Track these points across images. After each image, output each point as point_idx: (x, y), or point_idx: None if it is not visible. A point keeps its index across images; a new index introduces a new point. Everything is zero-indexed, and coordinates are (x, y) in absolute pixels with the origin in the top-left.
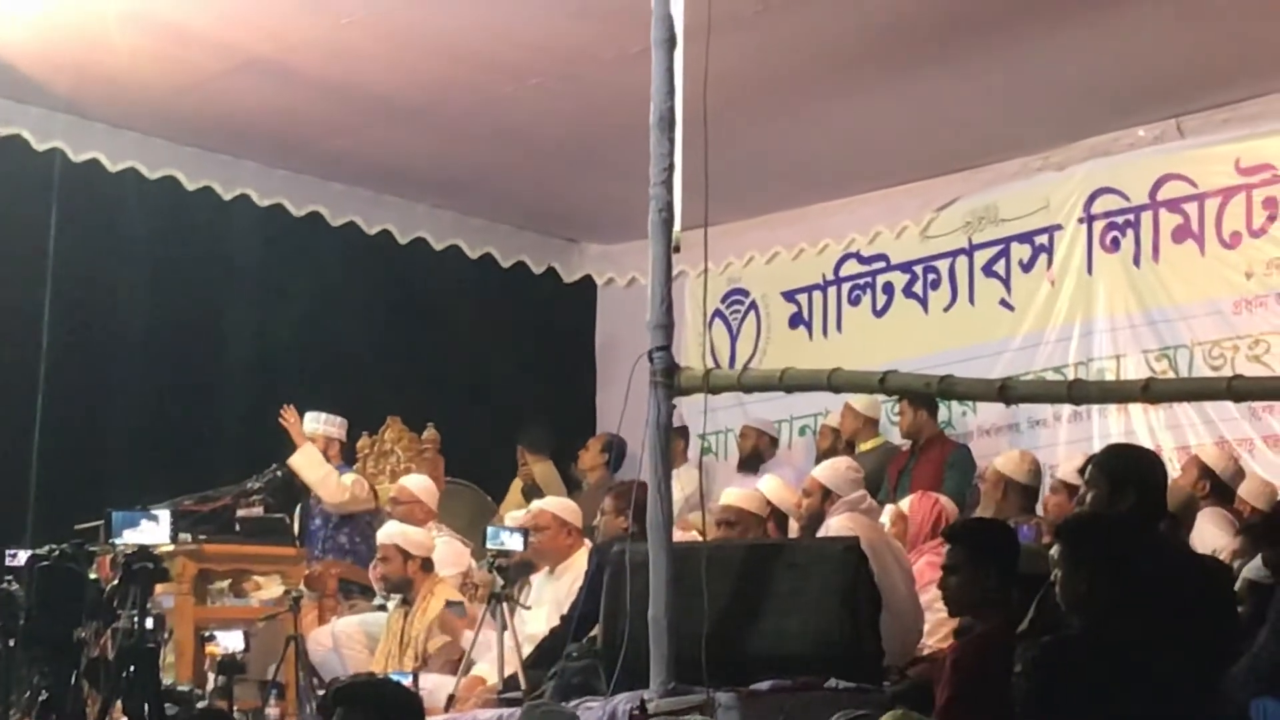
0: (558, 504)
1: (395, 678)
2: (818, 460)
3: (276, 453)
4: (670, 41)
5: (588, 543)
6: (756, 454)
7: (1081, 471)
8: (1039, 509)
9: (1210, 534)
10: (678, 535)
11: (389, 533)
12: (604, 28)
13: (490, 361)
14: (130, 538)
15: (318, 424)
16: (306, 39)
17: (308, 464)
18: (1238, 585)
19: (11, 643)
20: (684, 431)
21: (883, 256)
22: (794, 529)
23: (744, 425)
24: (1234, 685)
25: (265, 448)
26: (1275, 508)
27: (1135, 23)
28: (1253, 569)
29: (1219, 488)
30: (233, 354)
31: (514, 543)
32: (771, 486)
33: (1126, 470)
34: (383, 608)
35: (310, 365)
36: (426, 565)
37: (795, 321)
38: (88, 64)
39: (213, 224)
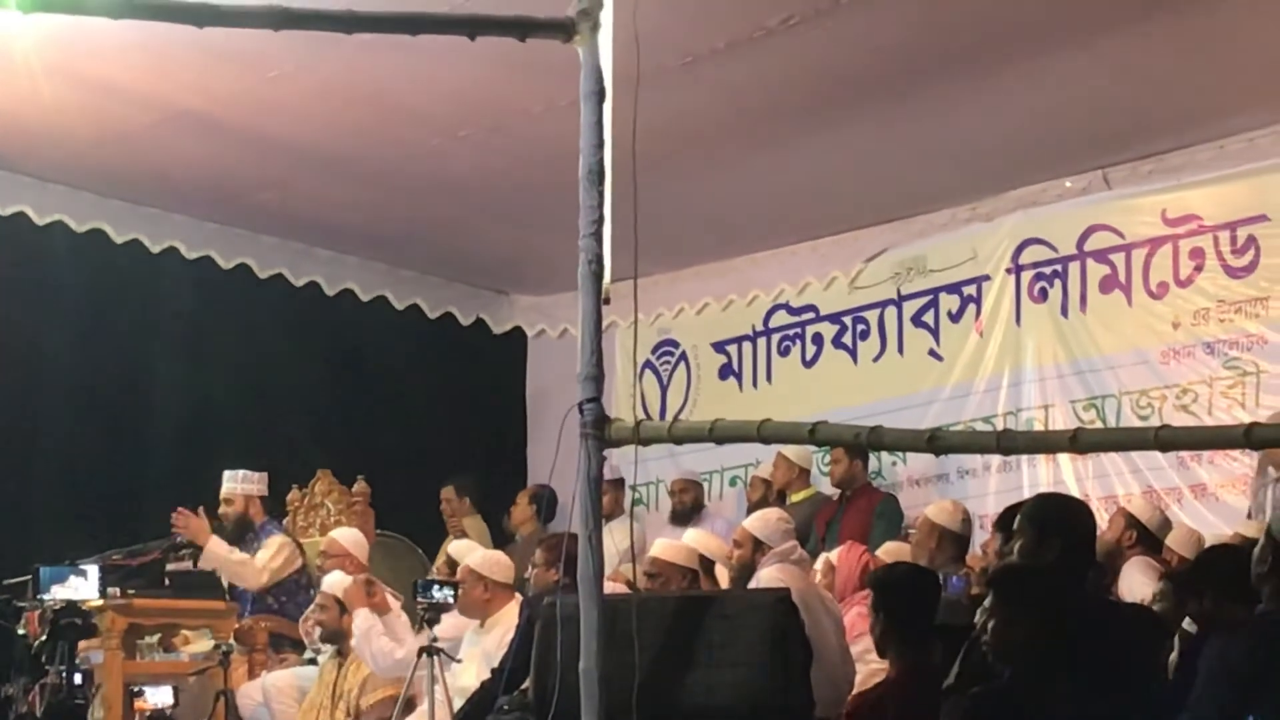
0: (479, 558)
1: None
2: (749, 511)
3: (206, 506)
4: (599, 94)
5: (517, 596)
6: (698, 504)
7: (1006, 519)
8: (969, 557)
9: (1138, 583)
10: (609, 587)
11: (331, 583)
12: (532, 80)
13: (421, 414)
14: (58, 593)
15: (235, 483)
16: (233, 92)
17: (217, 559)
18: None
19: None
20: (619, 484)
21: (812, 307)
22: (724, 579)
23: (676, 479)
24: None
25: (194, 501)
26: (1198, 558)
27: (1062, 76)
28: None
29: (1146, 538)
30: (162, 407)
31: (444, 596)
32: (698, 538)
33: (1053, 519)
34: (313, 661)
35: (240, 418)
36: None
37: (725, 372)
38: (12, 117)
39: (141, 277)
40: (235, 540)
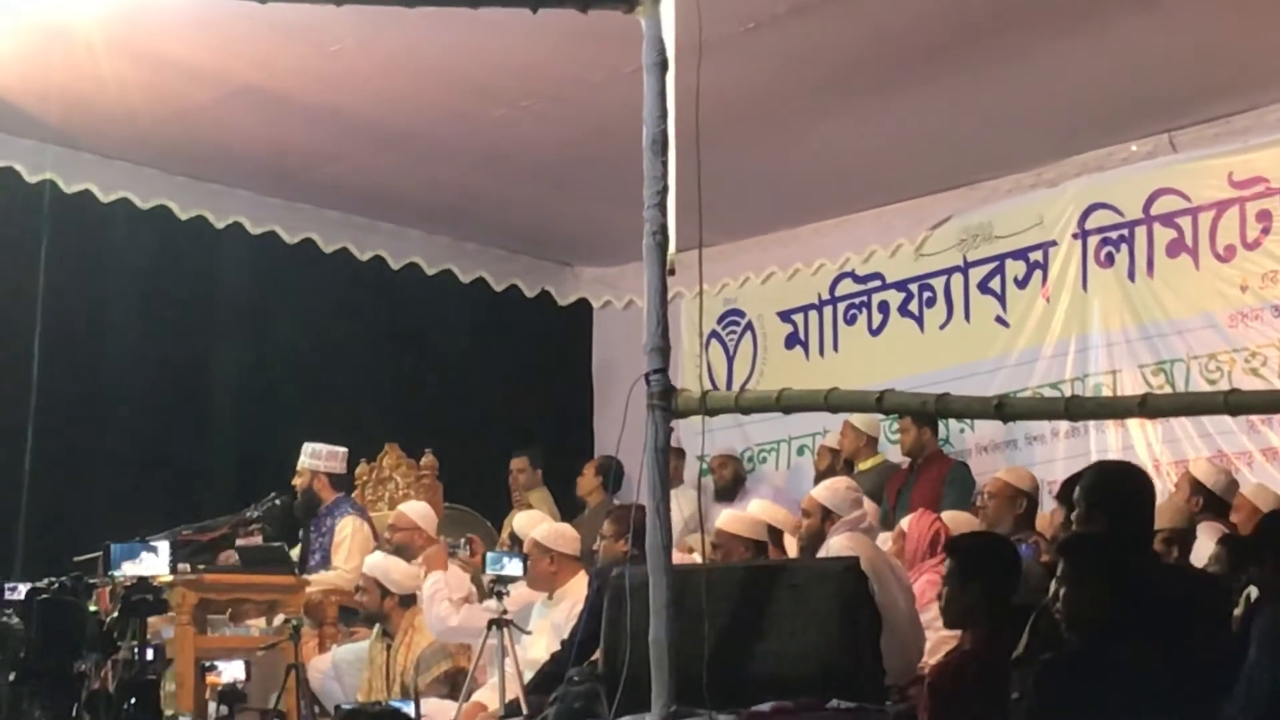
0: (544, 531)
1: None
2: (816, 480)
3: (273, 481)
4: (661, 65)
5: (584, 568)
6: (738, 478)
7: (1066, 491)
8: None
9: (1210, 549)
10: (676, 558)
11: (373, 564)
12: (594, 50)
13: (486, 386)
14: (129, 570)
15: (306, 457)
16: (295, 67)
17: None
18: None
19: (12, 677)
20: (679, 453)
21: (878, 275)
22: (791, 548)
23: (718, 455)
24: (1232, 709)
25: (261, 476)
26: (1259, 523)
27: (1126, 38)
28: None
29: (1213, 502)
30: (227, 383)
31: (514, 568)
32: (765, 509)
33: (1100, 491)
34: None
35: (305, 392)
36: (405, 601)
37: (791, 341)
38: (76, 95)
39: (206, 253)
40: (304, 516)
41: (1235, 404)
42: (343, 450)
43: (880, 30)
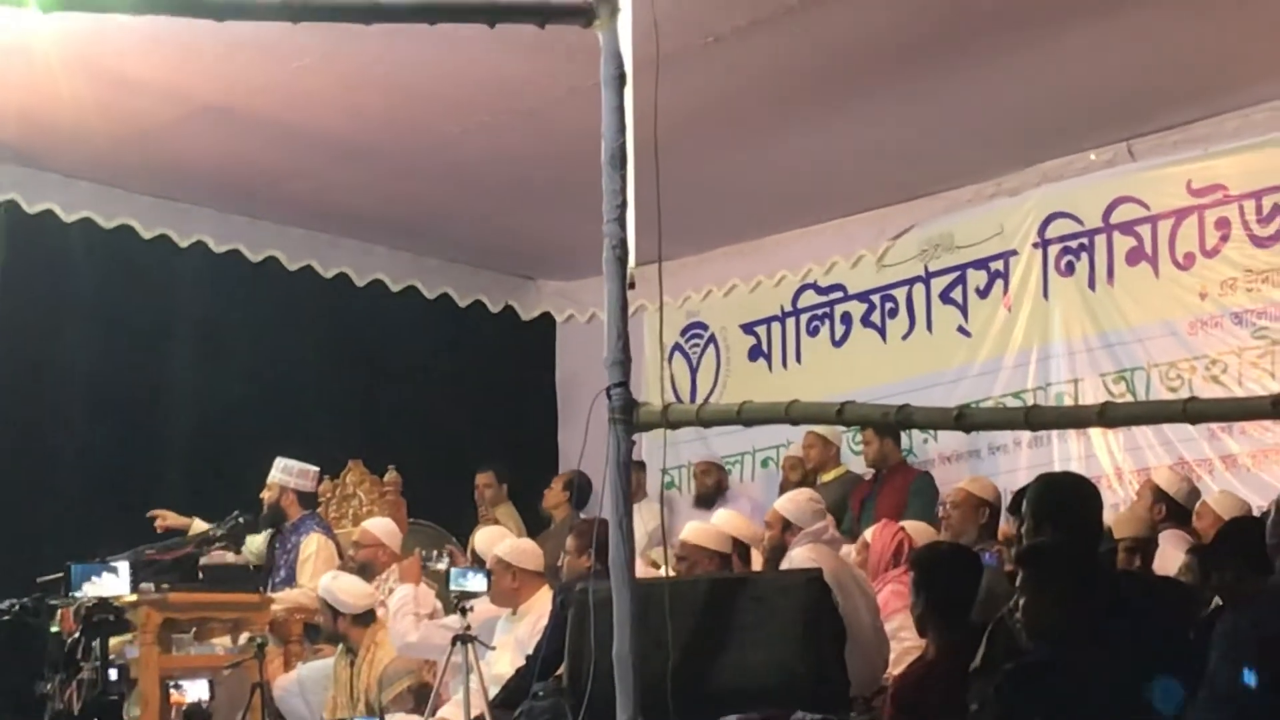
0: (506, 547)
1: None
2: (781, 492)
3: (236, 500)
4: (620, 78)
5: (548, 583)
6: (720, 487)
7: (1016, 503)
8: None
9: (1172, 557)
10: (639, 571)
11: (323, 587)
12: (554, 64)
13: (451, 402)
14: (90, 590)
15: (276, 472)
16: (257, 85)
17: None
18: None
19: None
20: (642, 466)
21: (840, 286)
22: (758, 561)
23: (701, 461)
24: (1193, 714)
25: (222, 496)
26: (1221, 531)
27: (1084, 47)
28: None
29: (1175, 510)
30: (191, 401)
31: (477, 583)
32: (729, 520)
33: (1044, 503)
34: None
35: (270, 410)
36: (362, 619)
37: (755, 354)
38: (36, 115)
39: (169, 272)
40: (267, 528)
41: (1194, 412)
42: (314, 469)
43: (840, 43)
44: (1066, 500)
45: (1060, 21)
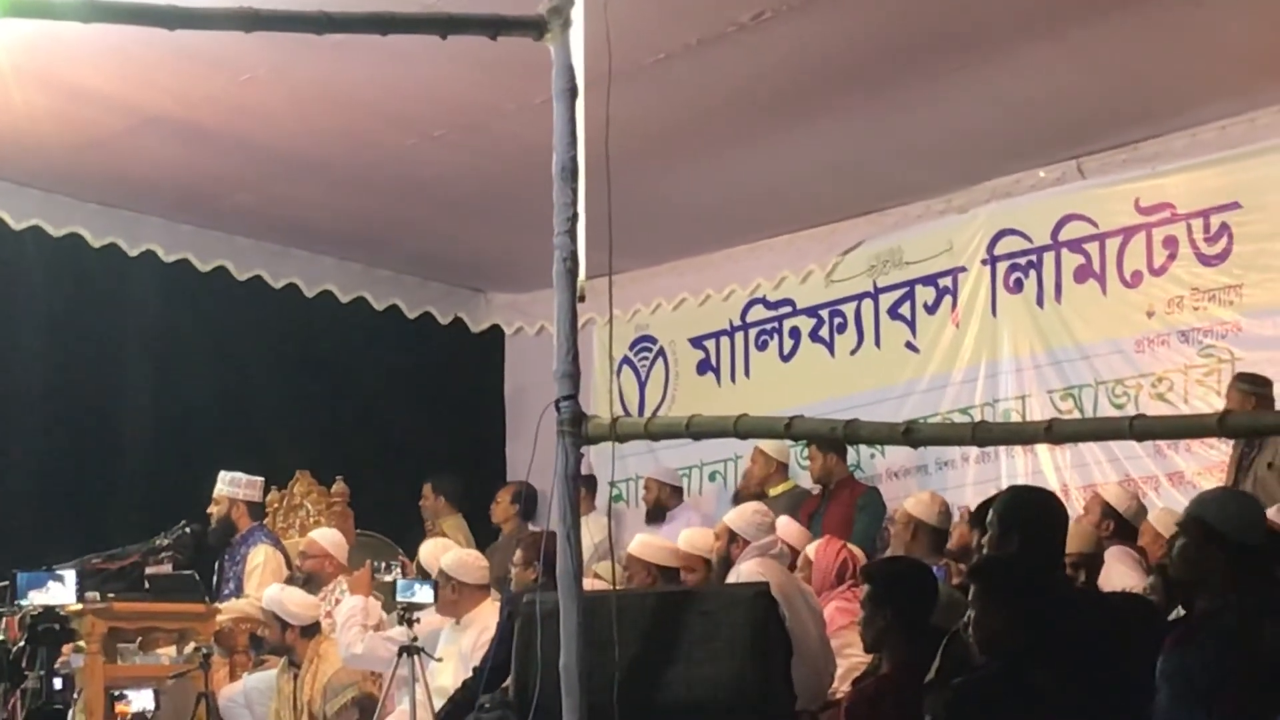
0: (449, 559)
1: None
2: (736, 504)
3: (183, 509)
4: (571, 91)
5: (493, 595)
6: (660, 505)
7: (980, 514)
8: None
9: (1118, 573)
10: (587, 585)
11: (270, 598)
12: (505, 80)
13: (399, 413)
14: (36, 599)
15: (223, 485)
16: (207, 95)
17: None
18: None
19: None
20: (590, 480)
21: (789, 301)
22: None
23: (647, 478)
24: None
25: (172, 505)
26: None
27: (1034, 66)
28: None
29: (1123, 527)
30: (140, 411)
31: (424, 595)
32: (691, 537)
33: (1013, 514)
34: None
35: (219, 420)
36: (308, 631)
37: (704, 367)
38: None
39: (118, 281)
40: (218, 543)
41: (1140, 429)
42: (260, 480)
43: (790, 61)
44: (1035, 513)
45: (1010, 40)
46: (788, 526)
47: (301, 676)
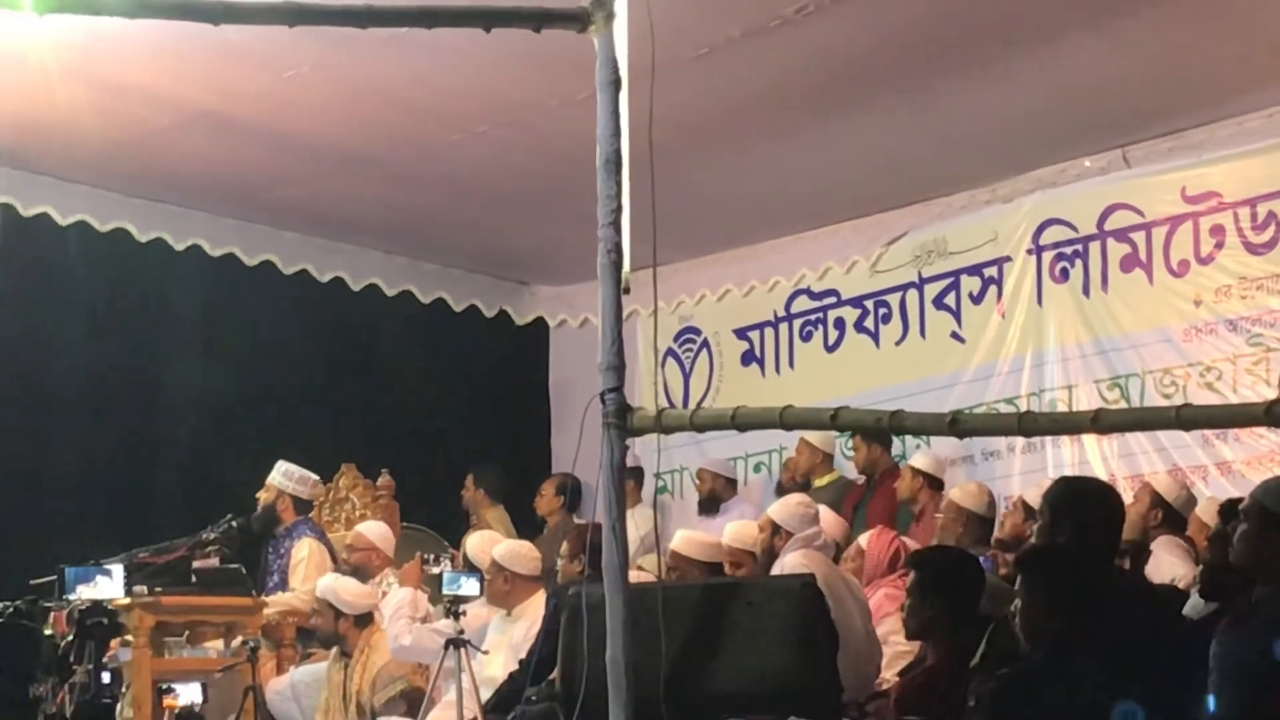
0: (501, 550)
1: None
2: (780, 495)
3: (229, 503)
4: (615, 84)
5: (543, 586)
6: (714, 497)
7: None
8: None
9: (1167, 563)
10: (631, 578)
11: (324, 586)
12: (548, 75)
13: (445, 406)
14: (84, 593)
15: (275, 474)
16: (252, 92)
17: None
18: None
19: None
20: (637, 472)
21: (833, 292)
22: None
23: (700, 468)
24: None
25: (216, 499)
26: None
27: (1078, 54)
28: (1191, 607)
29: (1171, 516)
30: (185, 405)
31: (470, 587)
32: (736, 532)
33: (1067, 503)
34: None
35: (264, 414)
36: (360, 621)
37: (748, 359)
38: (31, 119)
39: (165, 275)
40: (261, 530)
41: (1187, 418)
42: (314, 477)
43: (835, 52)
44: (1085, 499)
45: (1055, 29)
46: (824, 516)
47: (352, 666)
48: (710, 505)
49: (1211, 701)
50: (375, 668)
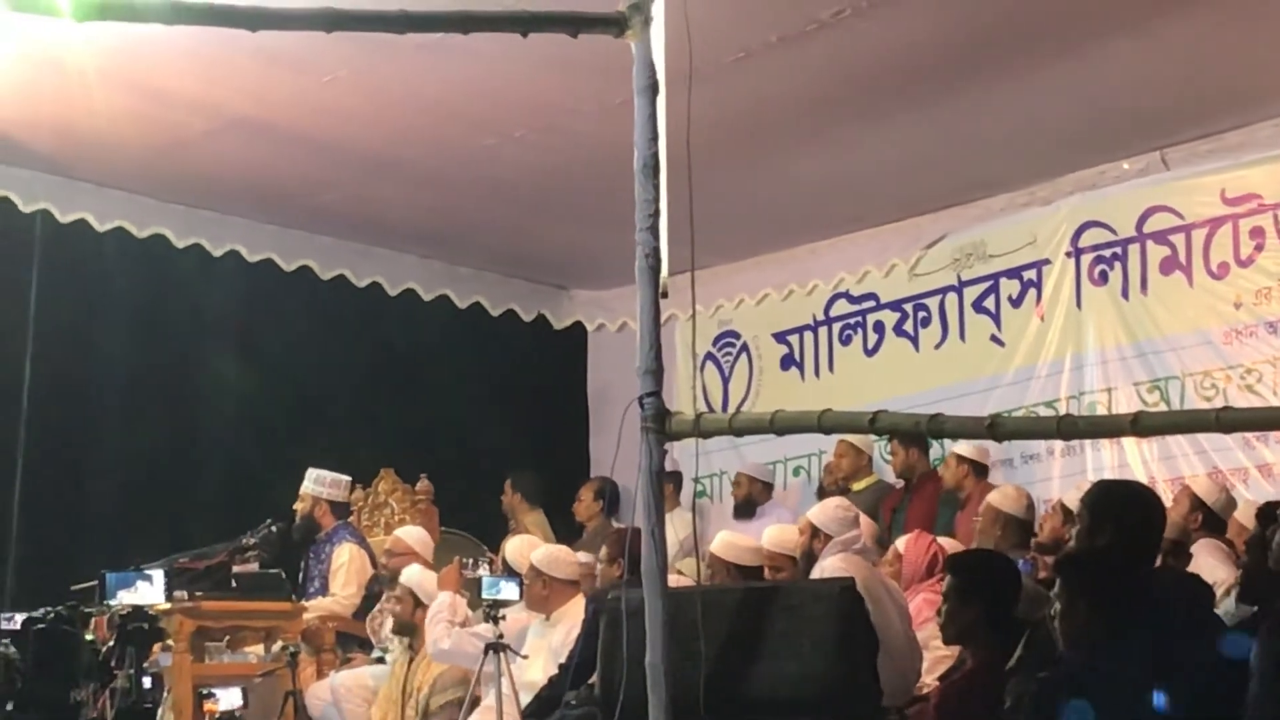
0: (540, 555)
1: None
2: (820, 499)
3: (268, 508)
4: (652, 88)
5: (582, 591)
6: (750, 500)
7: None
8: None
9: (1207, 566)
10: (670, 582)
11: (408, 576)
12: (584, 81)
13: (483, 410)
14: (125, 598)
15: (309, 483)
16: (289, 98)
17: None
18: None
19: (9, 706)
20: (675, 476)
21: (872, 295)
22: None
23: (737, 472)
24: None
25: (255, 504)
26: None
27: (1117, 57)
28: (1224, 613)
29: (1211, 519)
30: (223, 410)
31: (510, 592)
32: (776, 535)
33: (1106, 506)
34: (380, 660)
35: (302, 419)
36: None
37: (787, 362)
38: (69, 126)
39: (202, 281)
40: (301, 540)
41: (1227, 421)
42: (346, 479)
43: (869, 56)
44: (1125, 502)
45: (1093, 32)
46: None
47: (416, 662)
48: (746, 509)
49: (1251, 703)
50: (439, 668)
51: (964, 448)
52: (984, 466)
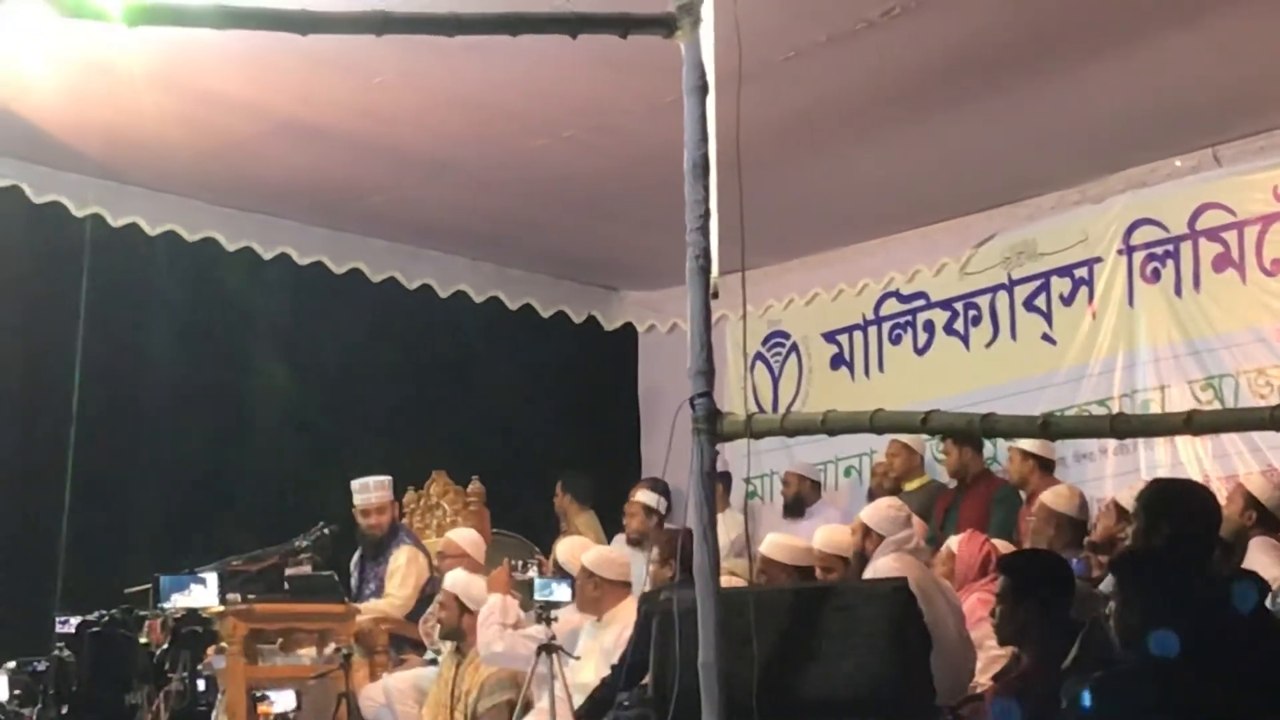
0: (591, 556)
1: None
2: (872, 499)
3: (317, 512)
4: (702, 88)
5: (633, 592)
6: (799, 499)
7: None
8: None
9: (1261, 564)
10: (722, 582)
11: (453, 581)
12: (633, 81)
13: (534, 412)
14: (179, 601)
15: (368, 493)
16: (338, 100)
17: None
18: None
19: (65, 709)
20: (725, 477)
21: (922, 294)
22: None
23: (787, 471)
24: None
25: (306, 507)
26: None
27: (1168, 53)
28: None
29: (1265, 517)
30: (274, 413)
31: (561, 593)
32: (828, 536)
33: (1162, 505)
34: (433, 662)
35: (355, 421)
36: None
37: (837, 362)
38: (119, 130)
39: (253, 284)
40: (374, 553)
41: None
42: (382, 479)
43: (919, 54)
44: (1181, 501)
45: (1143, 28)
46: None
47: (464, 666)
48: (795, 508)
49: None
50: (487, 671)
51: (1027, 442)
52: (1050, 461)
